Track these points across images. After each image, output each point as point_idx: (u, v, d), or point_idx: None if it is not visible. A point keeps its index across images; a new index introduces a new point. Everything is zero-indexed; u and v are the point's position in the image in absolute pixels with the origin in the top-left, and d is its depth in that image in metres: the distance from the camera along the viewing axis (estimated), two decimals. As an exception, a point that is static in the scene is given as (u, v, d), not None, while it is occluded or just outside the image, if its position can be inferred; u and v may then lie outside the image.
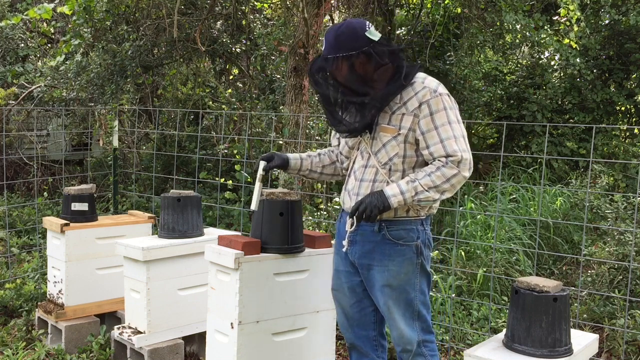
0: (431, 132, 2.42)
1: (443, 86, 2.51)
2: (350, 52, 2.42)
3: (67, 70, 7.28)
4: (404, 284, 2.52)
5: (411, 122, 2.45)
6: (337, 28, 2.49)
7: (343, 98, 2.51)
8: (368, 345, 2.74)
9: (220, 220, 5.96)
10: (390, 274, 2.51)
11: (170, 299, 3.51)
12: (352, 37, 2.44)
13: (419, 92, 2.45)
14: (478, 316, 4.12)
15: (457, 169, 2.39)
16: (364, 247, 2.56)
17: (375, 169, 2.53)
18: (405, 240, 2.51)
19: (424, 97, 2.44)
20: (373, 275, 2.55)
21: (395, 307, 2.54)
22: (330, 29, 2.51)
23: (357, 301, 2.68)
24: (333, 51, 2.44)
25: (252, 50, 7.28)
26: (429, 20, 8.43)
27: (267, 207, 2.77)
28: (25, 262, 5.31)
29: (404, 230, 2.51)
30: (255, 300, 2.73)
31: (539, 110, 8.34)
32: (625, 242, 4.31)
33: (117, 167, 5.65)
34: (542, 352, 2.22)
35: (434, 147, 2.42)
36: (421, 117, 2.44)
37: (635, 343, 3.75)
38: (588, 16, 7.75)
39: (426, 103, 2.43)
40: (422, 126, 2.44)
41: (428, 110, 2.43)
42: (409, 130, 2.46)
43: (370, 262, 2.55)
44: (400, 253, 2.51)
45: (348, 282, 2.68)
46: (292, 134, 5.61)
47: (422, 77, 2.50)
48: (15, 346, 3.84)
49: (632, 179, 6.95)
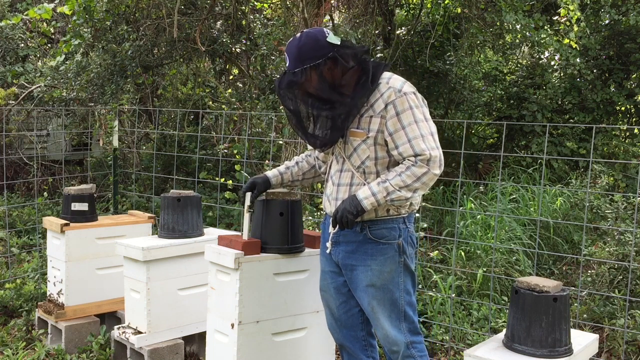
0: (398, 133, 2.42)
1: (409, 84, 2.50)
2: (317, 61, 2.42)
3: (67, 70, 7.27)
4: (387, 283, 2.53)
5: (379, 124, 2.46)
6: (297, 41, 2.47)
7: (315, 110, 2.51)
8: (357, 346, 2.74)
9: (220, 220, 5.96)
10: (373, 274, 2.52)
11: (170, 299, 3.51)
12: (315, 46, 2.44)
13: (384, 93, 2.45)
14: (478, 316, 4.12)
15: (427, 167, 2.39)
16: (346, 247, 2.57)
17: (350, 173, 2.55)
18: (387, 239, 2.52)
19: (389, 97, 2.44)
20: (357, 276, 2.56)
21: (379, 308, 2.54)
22: (290, 43, 2.50)
23: (343, 302, 2.69)
24: (300, 63, 2.43)
25: (252, 50, 7.27)
26: (429, 20, 8.43)
27: (267, 207, 2.77)
28: (25, 262, 5.31)
29: (385, 229, 2.52)
30: (255, 301, 2.73)
31: (539, 110, 8.34)
32: (625, 242, 4.31)
33: (117, 167, 5.65)
34: (542, 352, 2.22)
35: (403, 147, 2.42)
36: (388, 118, 2.44)
37: (635, 343, 3.75)
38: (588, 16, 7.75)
39: (392, 103, 2.43)
40: (389, 127, 2.44)
41: (394, 111, 2.43)
42: (378, 132, 2.46)
43: (353, 263, 2.56)
44: (383, 252, 2.52)
45: (333, 282, 2.69)
46: (292, 134, 5.61)
47: (387, 77, 2.50)
48: (15, 346, 3.84)
49: (632, 179, 6.95)
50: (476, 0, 7.33)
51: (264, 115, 6.24)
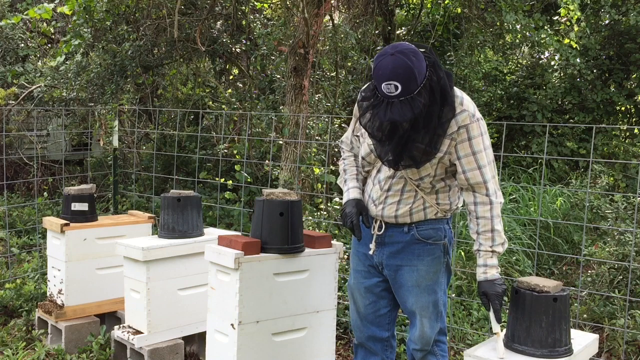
0: (468, 158, 2.37)
1: (476, 107, 2.43)
2: (426, 75, 2.21)
3: (67, 70, 7.27)
4: (432, 284, 2.54)
5: (448, 145, 2.36)
6: (402, 59, 2.16)
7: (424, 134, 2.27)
8: (379, 346, 2.74)
9: (220, 220, 5.96)
10: (419, 274, 2.53)
11: (170, 299, 3.51)
12: (419, 57, 2.20)
13: (457, 115, 2.32)
14: (478, 316, 4.13)
15: (497, 201, 2.43)
16: (392, 248, 2.56)
17: (404, 181, 2.49)
18: (434, 239, 2.53)
19: (463, 121, 2.33)
20: (402, 276, 2.56)
21: (422, 308, 2.55)
22: (384, 64, 2.17)
23: (373, 301, 2.69)
24: (414, 85, 2.17)
25: (252, 50, 7.27)
26: (429, 20, 8.43)
27: (267, 207, 2.77)
28: (25, 262, 5.31)
29: (432, 229, 2.53)
30: (255, 300, 2.73)
31: (539, 110, 8.35)
32: (625, 242, 4.31)
33: (117, 167, 5.65)
34: (542, 352, 2.22)
35: (471, 173, 2.38)
36: (458, 142, 2.35)
37: (635, 343, 3.75)
38: (588, 16, 7.75)
39: (465, 128, 2.33)
40: (459, 151, 2.37)
41: (466, 135, 2.34)
42: (445, 153, 2.38)
43: (399, 263, 2.55)
44: (430, 252, 2.53)
45: (365, 281, 2.68)
46: (292, 134, 5.60)
47: (459, 97, 2.35)
48: (15, 346, 3.84)
49: (632, 179, 6.95)
50: (476, 0, 7.33)
51: (264, 115, 6.24)
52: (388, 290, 2.67)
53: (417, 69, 2.17)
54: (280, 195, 2.80)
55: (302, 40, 5.59)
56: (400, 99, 2.17)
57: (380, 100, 2.22)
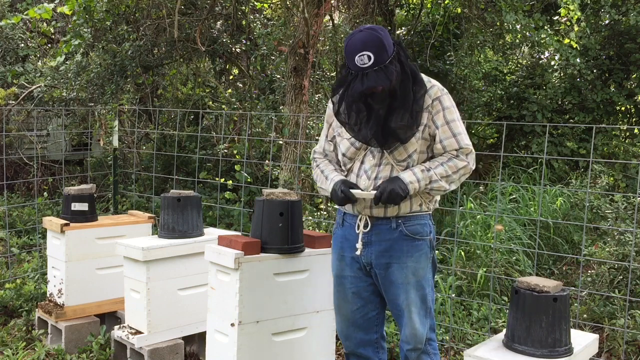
0: (444, 127, 2.51)
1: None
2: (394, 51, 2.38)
3: (67, 70, 7.27)
4: (421, 279, 2.56)
5: (426, 118, 2.50)
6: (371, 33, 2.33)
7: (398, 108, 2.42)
8: (369, 350, 2.73)
9: (220, 220, 5.96)
10: (409, 271, 2.54)
11: (170, 299, 3.51)
12: (386, 35, 2.37)
13: (429, 89, 2.51)
14: (478, 316, 4.12)
15: (467, 160, 2.50)
16: (379, 246, 2.56)
17: (390, 166, 2.53)
18: (421, 235, 2.56)
19: (435, 94, 2.51)
20: (392, 273, 2.56)
21: (413, 305, 2.56)
22: (363, 37, 2.32)
23: (361, 306, 2.68)
24: (386, 54, 2.33)
25: (252, 50, 7.27)
26: (429, 20, 8.43)
27: (267, 207, 2.77)
28: (25, 262, 5.31)
29: (419, 225, 2.56)
30: (255, 300, 2.73)
31: (539, 110, 8.34)
32: (625, 242, 4.31)
33: (117, 167, 5.65)
34: (542, 352, 2.22)
35: (447, 140, 2.50)
36: (434, 113, 2.51)
37: (635, 343, 3.75)
38: (588, 16, 7.75)
39: (438, 99, 2.51)
40: (436, 121, 2.51)
41: (440, 106, 2.51)
42: (425, 126, 2.51)
43: (388, 261, 2.56)
44: (418, 248, 2.55)
45: (352, 287, 2.66)
46: (292, 134, 5.60)
47: (424, 76, 2.55)
48: (15, 346, 3.84)
49: (632, 179, 6.95)
50: (476, 0, 7.33)
51: (264, 115, 6.24)
52: (376, 293, 2.67)
53: (386, 40, 2.34)
54: (280, 195, 2.80)
55: (302, 40, 5.59)
56: (374, 68, 2.32)
57: (355, 75, 2.37)
